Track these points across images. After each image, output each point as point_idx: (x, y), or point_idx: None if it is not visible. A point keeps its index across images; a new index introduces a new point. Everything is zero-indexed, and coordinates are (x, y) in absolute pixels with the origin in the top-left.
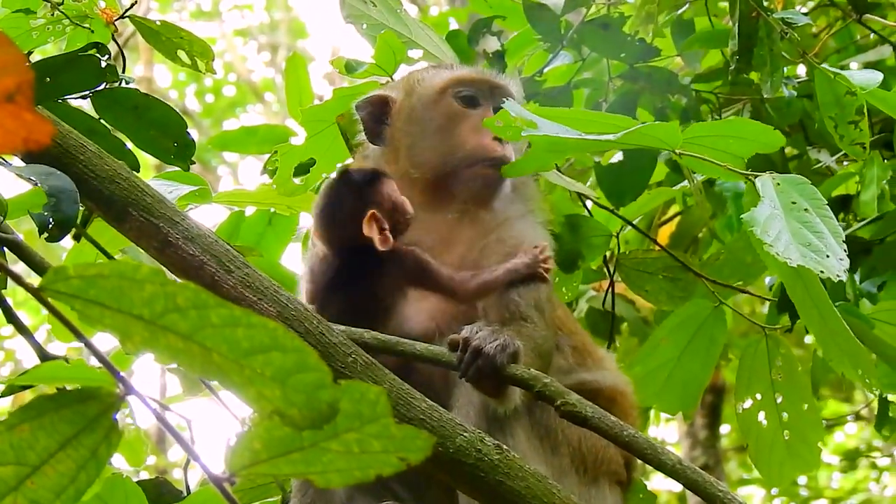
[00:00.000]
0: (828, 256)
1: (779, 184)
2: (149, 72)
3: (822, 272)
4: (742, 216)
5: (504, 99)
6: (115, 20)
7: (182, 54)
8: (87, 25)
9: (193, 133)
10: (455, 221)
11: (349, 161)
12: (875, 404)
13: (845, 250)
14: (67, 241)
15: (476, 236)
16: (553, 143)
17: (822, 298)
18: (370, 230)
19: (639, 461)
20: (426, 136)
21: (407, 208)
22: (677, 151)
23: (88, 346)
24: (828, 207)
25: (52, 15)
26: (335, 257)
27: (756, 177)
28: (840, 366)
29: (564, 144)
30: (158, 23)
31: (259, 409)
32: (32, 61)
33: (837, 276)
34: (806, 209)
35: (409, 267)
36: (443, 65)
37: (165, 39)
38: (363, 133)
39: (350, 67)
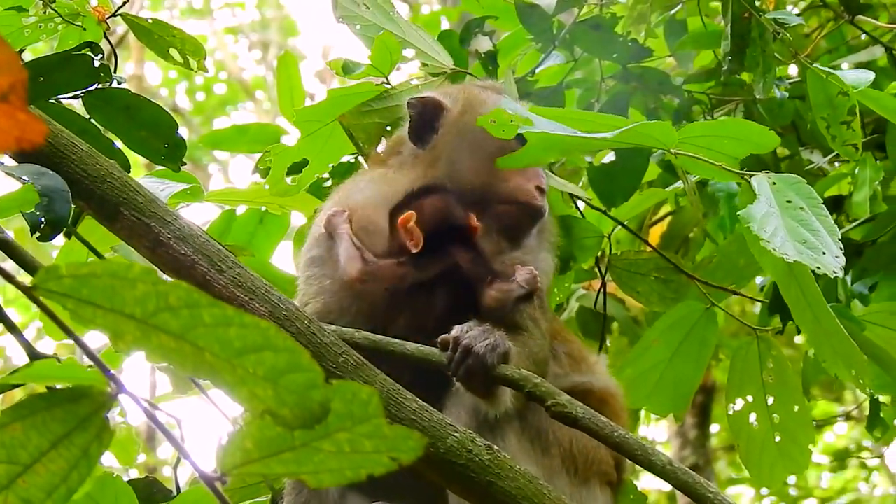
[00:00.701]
0: (824, 254)
1: (774, 183)
2: (139, 70)
3: (818, 268)
4: (738, 213)
5: None
6: (108, 18)
7: (174, 52)
8: (79, 23)
9: (184, 132)
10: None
11: (345, 158)
12: (866, 405)
13: (841, 248)
14: (57, 240)
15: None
16: (549, 140)
17: (817, 299)
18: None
19: (629, 462)
20: (474, 159)
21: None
22: (672, 151)
23: (80, 345)
24: (823, 206)
25: (45, 13)
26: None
27: (751, 176)
28: (833, 367)
29: (560, 142)
30: (150, 21)
31: (251, 408)
32: (25, 60)
33: (834, 272)
34: (802, 207)
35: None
36: (503, 91)
37: (157, 37)
38: (408, 130)
39: (347, 69)
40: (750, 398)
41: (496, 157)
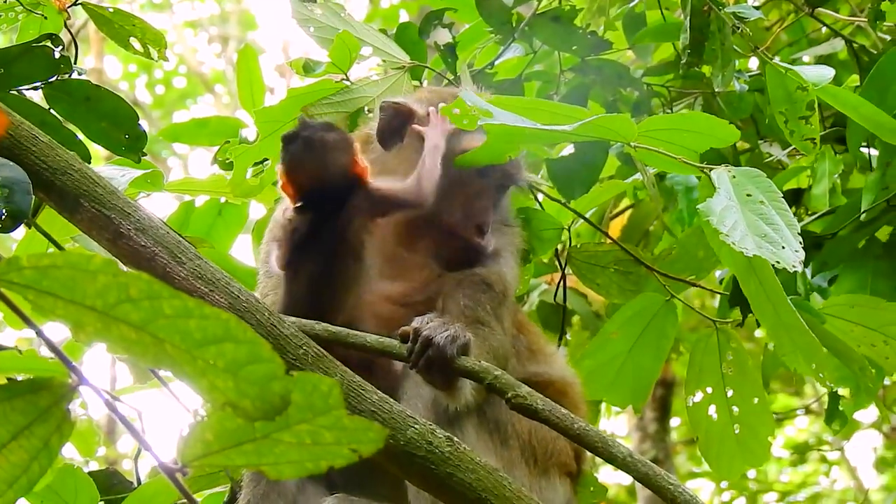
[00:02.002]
0: (783, 248)
1: (734, 176)
2: (99, 63)
3: (777, 263)
4: (697, 207)
5: (515, 184)
6: (68, 7)
7: (135, 42)
8: (39, 12)
9: (144, 125)
10: (417, 256)
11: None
12: (826, 398)
13: (801, 242)
14: (16, 231)
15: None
16: (509, 132)
17: (777, 292)
18: (361, 159)
19: (589, 454)
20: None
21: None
22: (632, 144)
23: (42, 336)
24: (783, 200)
25: (5, 2)
26: (302, 211)
27: (711, 169)
28: (793, 360)
29: (520, 134)
30: (111, 10)
31: (211, 400)
32: None
33: (793, 266)
34: (761, 201)
35: (374, 198)
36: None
37: (118, 27)
38: (375, 131)
39: (308, 68)
40: (709, 390)
41: (456, 180)
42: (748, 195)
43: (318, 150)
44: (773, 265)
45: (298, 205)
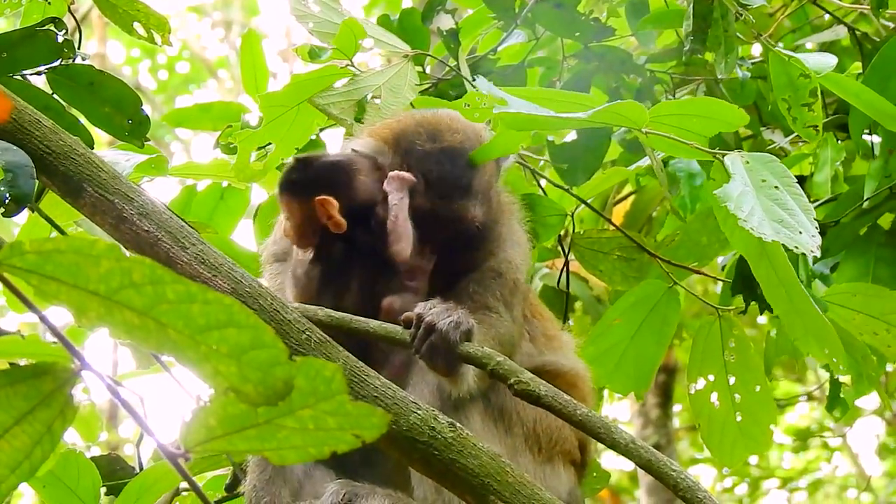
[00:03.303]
0: (800, 232)
1: (748, 162)
2: (102, 48)
3: (796, 248)
4: (714, 192)
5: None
6: None
7: (138, 27)
8: None
9: (147, 110)
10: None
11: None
12: (827, 385)
13: (817, 227)
14: (19, 216)
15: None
16: (522, 120)
17: (789, 277)
18: (322, 215)
19: (594, 443)
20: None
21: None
22: (644, 130)
23: (44, 321)
24: (797, 185)
25: None
26: (313, 249)
27: (724, 155)
28: (805, 345)
29: (534, 122)
30: None
31: (214, 385)
32: None
33: (812, 251)
34: (776, 186)
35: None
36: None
37: (122, 12)
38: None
39: (313, 54)
40: (711, 377)
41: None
42: (763, 180)
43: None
44: (784, 249)
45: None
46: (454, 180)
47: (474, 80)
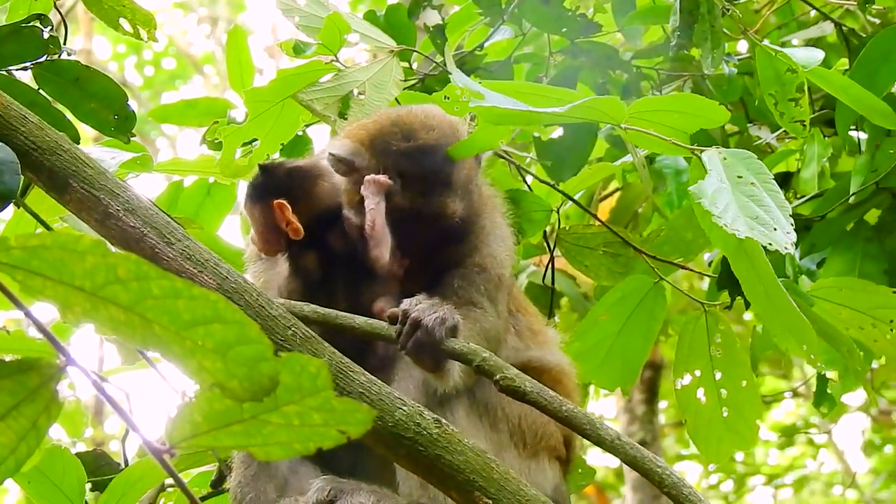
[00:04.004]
0: (775, 229)
1: (725, 158)
2: (88, 44)
3: (770, 245)
4: (689, 189)
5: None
6: None
7: (124, 22)
8: None
9: (133, 105)
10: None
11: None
12: (813, 381)
13: (792, 224)
14: (4, 212)
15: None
16: (500, 115)
17: (767, 274)
18: (280, 219)
19: (580, 440)
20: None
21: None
22: (623, 126)
23: (30, 316)
24: (774, 182)
25: None
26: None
27: (702, 151)
28: (784, 342)
29: (512, 116)
30: None
31: (200, 380)
32: None
33: (785, 248)
34: (752, 183)
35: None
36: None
37: (108, 7)
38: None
39: (298, 50)
40: (698, 373)
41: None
42: (739, 177)
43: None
44: (763, 247)
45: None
46: (431, 177)
47: (470, 76)
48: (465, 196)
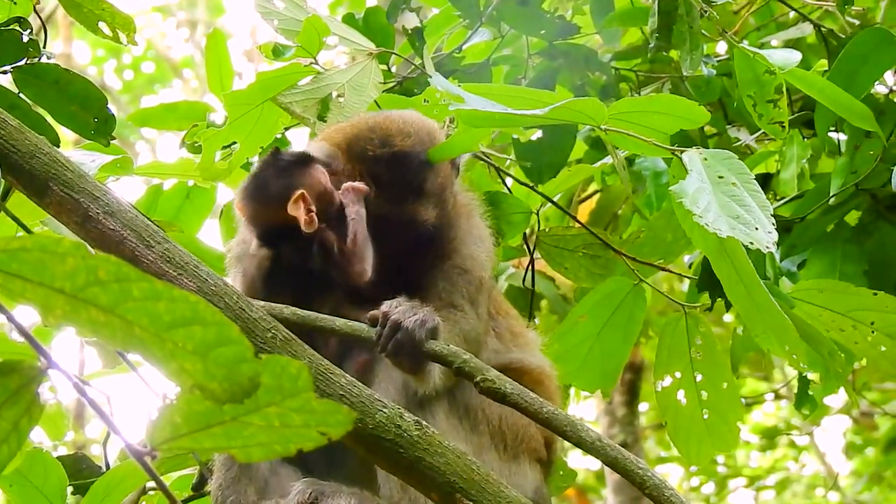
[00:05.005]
0: (756, 229)
1: (706, 158)
2: (68, 48)
3: (751, 244)
4: (670, 189)
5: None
6: None
7: (103, 26)
8: None
9: (113, 109)
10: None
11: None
12: (795, 383)
13: (773, 223)
14: None
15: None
16: (480, 117)
17: (749, 273)
18: (296, 210)
19: (560, 442)
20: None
21: (335, 198)
22: (602, 127)
23: (10, 319)
24: (755, 181)
25: None
26: (262, 244)
27: (682, 152)
28: (766, 341)
29: (491, 119)
30: None
31: (180, 382)
32: None
33: (767, 247)
34: (734, 183)
35: (324, 250)
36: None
37: (87, 11)
38: None
39: (277, 52)
40: (678, 374)
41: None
42: (720, 177)
43: (264, 194)
44: (744, 247)
45: (261, 240)
46: (405, 184)
47: (448, 76)
48: (438, 203)
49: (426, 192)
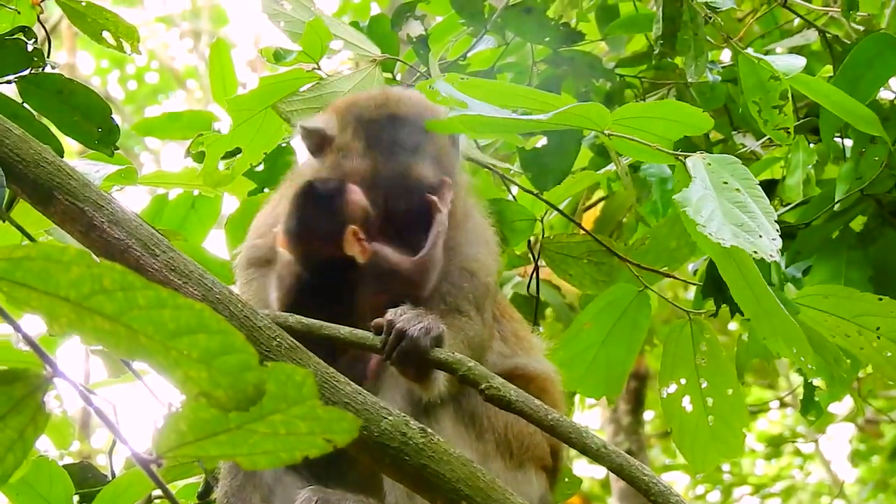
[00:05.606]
0: (760, 236)
1: (710, 164)
2: (72, 58)
3: (755, 252)
4: (674, 197)
5: None
6: (41, 1)
7: (107, 36)
8: (12, 6)
9: (116, 119)
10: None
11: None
12: (800, 391)
13: (777, 230)
14: None
15: None
16: (483, 123)
17: (756, 278)
18: (352, 247)
19: (566, 450)
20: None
21: (370, 210)
22: (606, 132)
23: (16, 327)
24: (759, 187)
25: None
26: (305, 272)
27: (687, 157)
28: (774, 345)
29: (495, 125)
30: (84, 3)
31: (185, 390)
32: None
33: (770, 255)
34: (738, 189)
35: (379, 268)
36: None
37: (91, 21)
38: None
39: (278, 56)
40: (683, 381)
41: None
42: (724, 183)
43: (313, 236)
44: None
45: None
46: (400, 141)
47: None
48: (434, 164)
49: (423, 150)
